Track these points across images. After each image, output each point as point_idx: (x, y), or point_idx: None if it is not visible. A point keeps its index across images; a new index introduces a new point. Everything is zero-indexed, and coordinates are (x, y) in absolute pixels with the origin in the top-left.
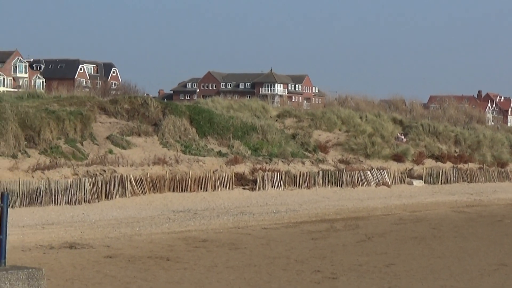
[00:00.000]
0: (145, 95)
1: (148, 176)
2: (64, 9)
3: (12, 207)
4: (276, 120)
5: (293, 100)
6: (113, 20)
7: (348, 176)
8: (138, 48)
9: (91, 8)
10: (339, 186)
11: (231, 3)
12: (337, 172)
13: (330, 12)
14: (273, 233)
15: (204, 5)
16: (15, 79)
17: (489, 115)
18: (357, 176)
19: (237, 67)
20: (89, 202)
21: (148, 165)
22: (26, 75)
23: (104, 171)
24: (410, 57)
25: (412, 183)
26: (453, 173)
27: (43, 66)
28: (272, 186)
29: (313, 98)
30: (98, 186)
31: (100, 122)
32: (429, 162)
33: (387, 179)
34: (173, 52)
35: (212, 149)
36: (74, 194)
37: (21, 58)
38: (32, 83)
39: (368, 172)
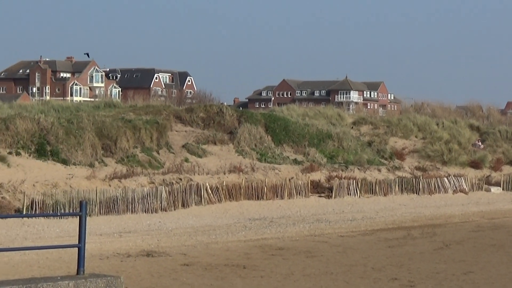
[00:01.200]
0: (220, 103)
1: (224, 184)
2: (139, 19)
3: (89, 215)
4: (352, 127)
5: (368, 107)
6: (188, 30)
7: (425, 183)
8: (213, 57)
9: (166, 18)
10: (416, 193)
11: (305, 10)
12: (414, 179)
13: (405, 16)
14: (349, 241)
15: (278, 13)
16: (91, 89)
17: None
18: (434, 183)
19: (312, 74)
20: (165, 211)
21: (224, 173)
22: (103, 85)
23: (180, 179)
24: (486, 63)
25: (490, 190)
26: None
27: (119, 76)
28: (348, 193)
29: (389, 105)
30: (174, 195)
31: (176, 131)
32: (507, 169)
33: (465, 186)
34: (248, 61)
35: (288, 157)
36: (150, 203)
37: (98, 68)
38: (108, 93)
39: (445, 179)
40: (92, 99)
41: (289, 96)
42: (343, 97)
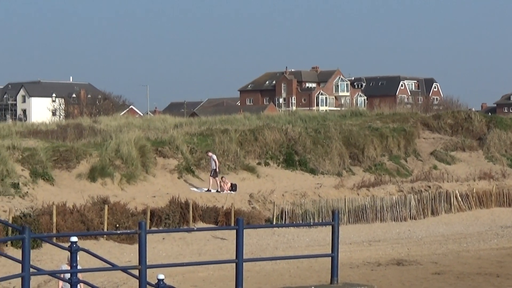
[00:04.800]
0: (468, 109)
1: (474, 191)
2: (381, 26)
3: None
4: None
5: None
6: (434, 35)
7: None
8: (459, 63)
9: (409, 23)
10: None
11: None
12: None
13: None
14: None
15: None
16: (337, 98)
17: None
18: None
19: None
20: (414, 219)
21: (474, 180)
22: (348, 94)
23: (429, 187)
24: None
25: None
26: None
27: (364, 84)
28: None
29: None
30: (423, 202)
31: (424, 138)
32: None
33: None
34: (495, 64)
35: None
36: (399, 211)
37: (343, 77)
38: (354, 101)
39: None
40: (338, 108)
41: None
42: None
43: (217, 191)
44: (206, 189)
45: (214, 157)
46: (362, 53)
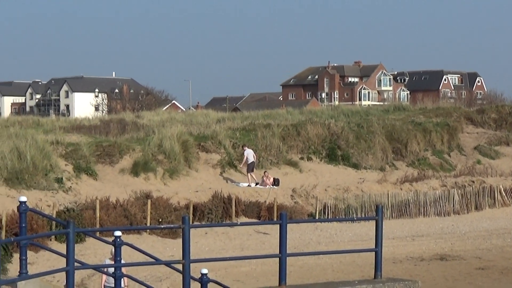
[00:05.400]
0: None
1: None
2: (416, 20)
3: None
4: None
5: None
6: (472, 28)
7: None
8: (503, 56)
9: (449, 17)
10: None
11: None
12: None
13: None
14: None
15: None
16: (379, 93)
17: None
18: None
19: None
20: (458, 214)
21: None
22: (391, 88)
23: (473, 181)
24: None
25: None
26: None
27: (407, 79)
28: None
29: None
30: (467, 197)
31: (467, 133)
32: None
33: None
34: None
35: None
36: (442, 206)
37: (385, 72)
38: (397, 96)
39: None
40: (381, 103)
41: None
42: None
43: (257, 183)
44: (247, 184)
45: (248, 151)
46: (405, 47)
